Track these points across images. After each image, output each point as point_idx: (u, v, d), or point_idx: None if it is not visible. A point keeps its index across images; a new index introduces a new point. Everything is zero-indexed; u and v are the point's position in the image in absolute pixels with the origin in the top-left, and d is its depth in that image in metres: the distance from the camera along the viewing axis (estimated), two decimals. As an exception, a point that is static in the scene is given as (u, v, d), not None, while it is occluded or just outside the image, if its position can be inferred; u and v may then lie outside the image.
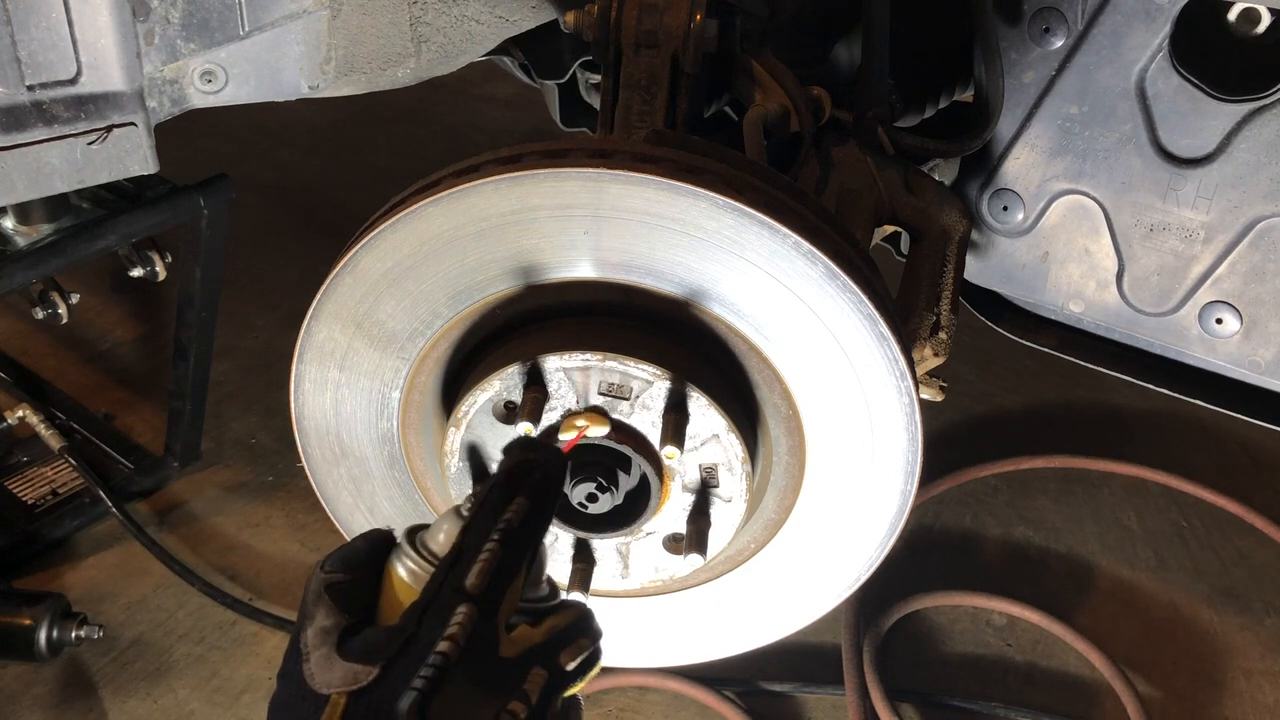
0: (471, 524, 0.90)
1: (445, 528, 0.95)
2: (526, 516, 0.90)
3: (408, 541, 0.96)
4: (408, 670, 0.80)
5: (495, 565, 0.85)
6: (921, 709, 2.00)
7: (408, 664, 0.81)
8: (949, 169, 1.97)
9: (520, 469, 0.94)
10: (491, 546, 0.86)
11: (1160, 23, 1.66)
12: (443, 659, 0.79)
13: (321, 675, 0.84)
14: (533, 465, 0.95)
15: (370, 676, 0.82)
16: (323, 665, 0.85)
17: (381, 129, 4.05)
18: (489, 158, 1.26)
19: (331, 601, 0.89)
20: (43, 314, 2.07)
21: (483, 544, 0.87)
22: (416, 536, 0.97)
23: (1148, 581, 2.32)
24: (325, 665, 0.84)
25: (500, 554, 0.86)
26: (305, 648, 0.87)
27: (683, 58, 1.54)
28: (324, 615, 0.88)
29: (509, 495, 0.91)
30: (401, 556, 0.94)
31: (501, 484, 0.92)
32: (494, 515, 0.89)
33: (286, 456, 2.50)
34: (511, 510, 0.89)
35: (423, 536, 0.96)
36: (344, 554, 0.95)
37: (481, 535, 0.88)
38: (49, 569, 2.19)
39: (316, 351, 1.37)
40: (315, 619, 0.88)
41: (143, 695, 1.96)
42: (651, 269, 1.25)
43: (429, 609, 0.84)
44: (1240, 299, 1.75)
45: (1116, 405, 2.82)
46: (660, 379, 1.23)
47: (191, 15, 1.44)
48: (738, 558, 1.45)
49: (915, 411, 1.28)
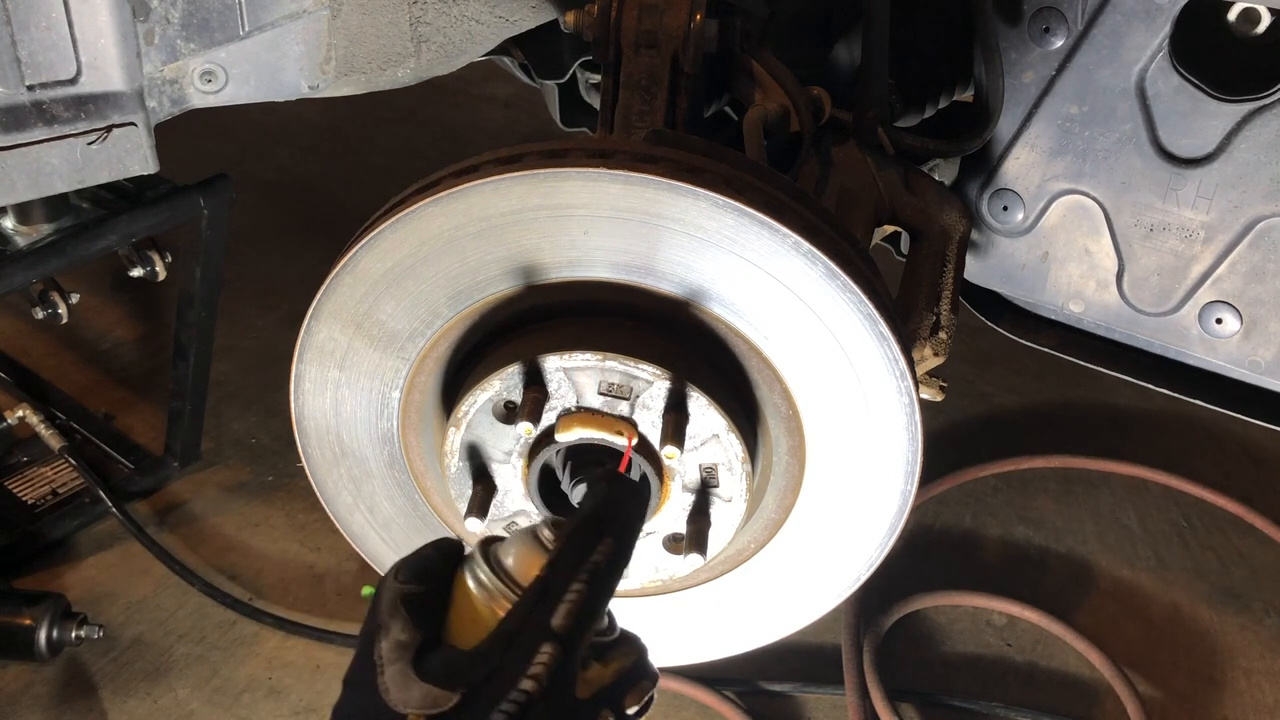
0: (559, 559, 0.90)
1: (522, 548, 0.95)
2: (613, 557, 0.91)
3: (481, 555, 0.95)
4: (490, 702, 0.81)
5: (582, 608, 0.86)
6: (921, 709, 2.00)
7: (490, 696, 0.81)
8: (949, 169, 1.97)
9: (609, 506, 0.95)
10: (579, 589, 0.87)
11: (1160, 23, 1.66)
12: (526, 697, 0.80)
13: (398, 693, 0.84)
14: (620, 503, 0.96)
15: (450, 703, 0.82)
16: (399, 682, 0.84)
17: (381, 129, 4.05)
18: (489, 158, 1.26)
19: (407, 614, 0.89)
20: (43, 314, 2.07)
21: (570, 582, 0.87)
22: (490, 550, 0.96)
23: (1148, 581, 2.32)
24: (402, 683, 0.84)
25: (587, 596, 0.87)
26: (381, 661, 0.86)
27: (683, 58, 1.54)
28: (400, 628, 0.88)
29: (598, 533, 0.91)
30: (475, 570, 0.94)
31: (591, 520, 0.93)
32: (583, 553, 0.89)
33: (286, 456, 2.50)
34: (601, 552, 0.90)
35: (496, 551, 0.96)
36: (417, 563, 0.94)
37: (569, 573, 0.88)
38: (49, 569, 2.19)
39: (316, 351, 1.37)
40: (391, 631, 0.88)
41: (143, 695, 1.96)
42: (651, 269, 1.25)
43: (513, 642, 0.84)
44: (1240, 299, 1.75)
45: (1116, 405, 2.82)
46: (660, 379, 1.23)
47: (191, 15, 1.44)
48: (738, 558, 1.45)
49: (915, 411, 1.28)
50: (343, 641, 2.04)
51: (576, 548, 0.90)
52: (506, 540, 0.98)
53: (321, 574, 2.22)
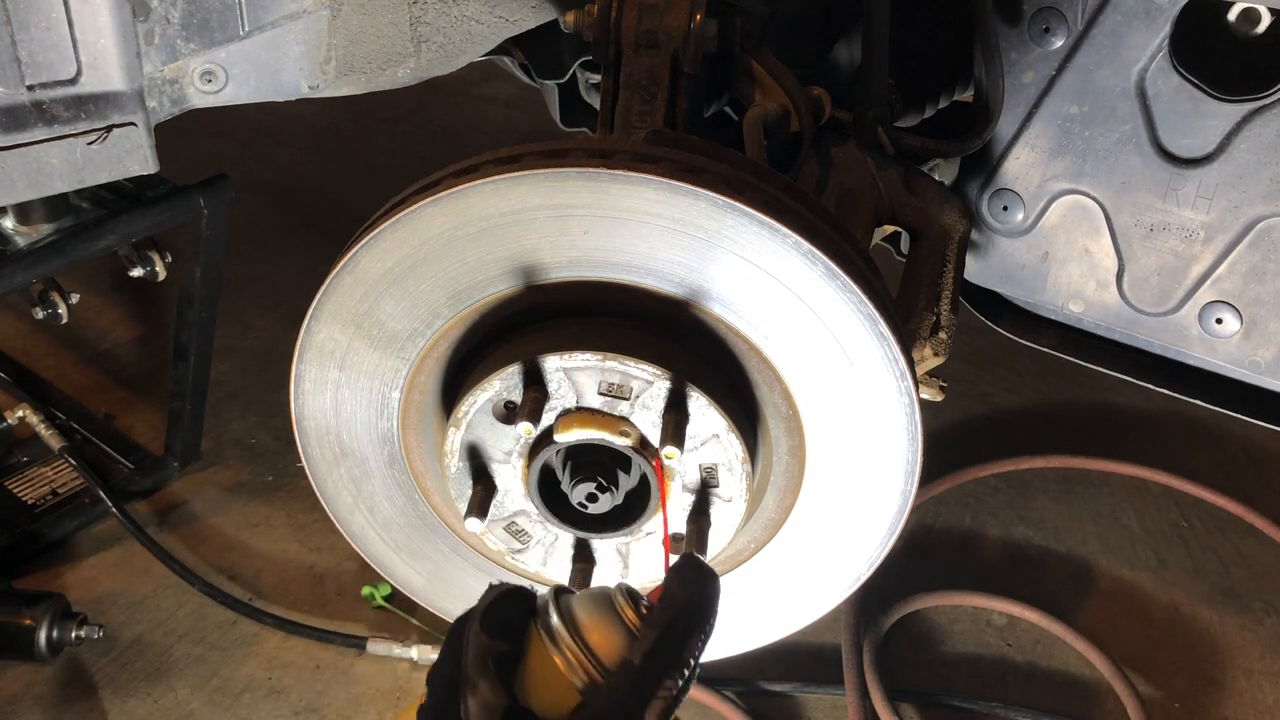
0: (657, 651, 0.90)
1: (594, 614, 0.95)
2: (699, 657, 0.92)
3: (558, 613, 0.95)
4: None
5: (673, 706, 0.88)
6: (921, 709, 2.00)
7: None
8: (949, 169, 1.97)
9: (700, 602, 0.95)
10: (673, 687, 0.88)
11: (1160, 23, 1.66)
12: None
13: None
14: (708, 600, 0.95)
15: None
16: None
17: (381, 129, 4.05)
18: (489, 158, 1.26)
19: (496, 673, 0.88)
20: (43, 314, 2.07)
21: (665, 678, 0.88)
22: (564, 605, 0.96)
23: (1148, 581, 2.32)
24: None
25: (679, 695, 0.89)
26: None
27: (683, 58, 1.54)
28: (488, 689, 0.87)
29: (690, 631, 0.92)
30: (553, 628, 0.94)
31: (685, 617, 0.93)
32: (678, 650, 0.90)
33: (286, 456, 2.50)
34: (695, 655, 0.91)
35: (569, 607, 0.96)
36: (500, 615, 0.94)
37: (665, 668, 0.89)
38: (49, 569, 2.19)
39: (316, 351, 1.37)
40: (479, 690, 0.87)
41: (143, 695, 1.96)
42: (651, 269, 1.25)
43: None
44: (1240, 299, 1.75)
45: (1116, 405, 2.82)
46: (660, 379, 1.23)
47: (191, 15, 1.44)
48: (738, 558, 1.45)
49: (915, 411, 1.28)
50: (342, 641, 2.04)
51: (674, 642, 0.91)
52: (579, 597, 0.98)
53: (321, 574, 2.22)
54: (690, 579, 0.96)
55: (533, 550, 1.39)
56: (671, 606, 0.93)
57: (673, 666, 0.89)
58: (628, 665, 0.89)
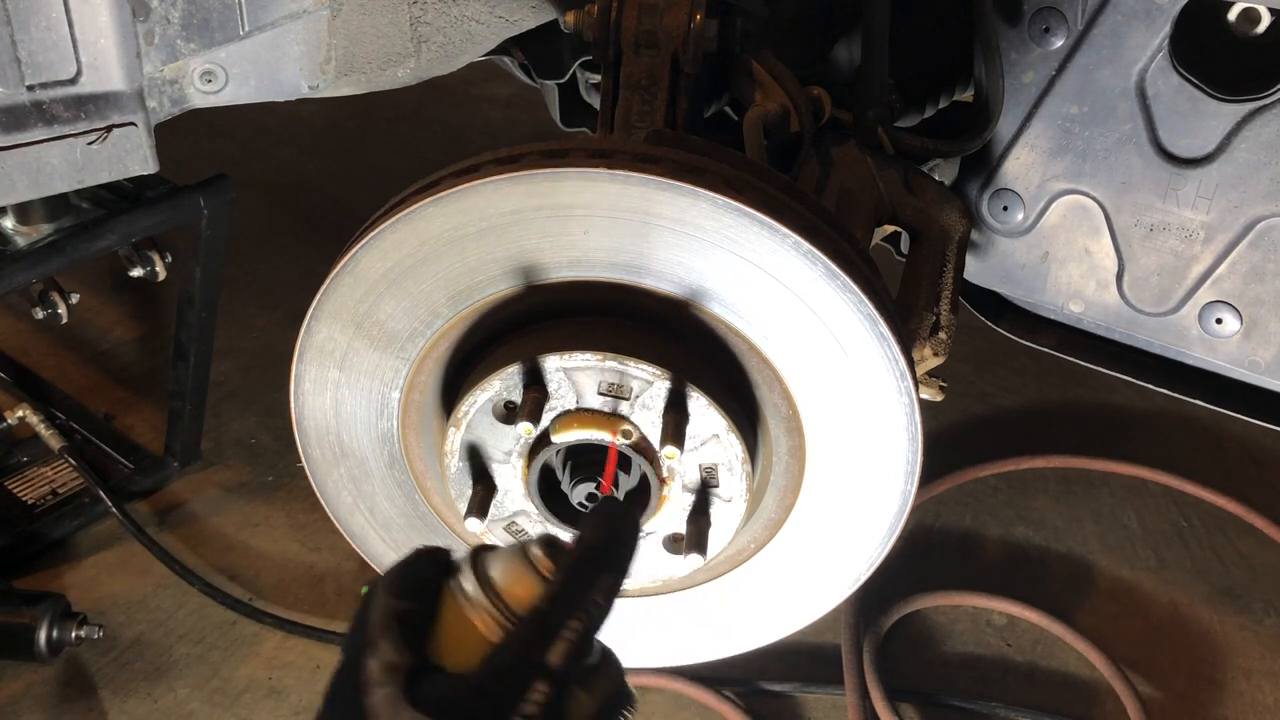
0: (560, 593, 0.89)
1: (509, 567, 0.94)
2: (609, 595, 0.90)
3: (471, 568, 0.94)
4: None
5: (578, 647, 0.86)
6: (921, 709, 2.00)
7: None
8: (949, 169, 1.97)
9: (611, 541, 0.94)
10: (578, 627, 0.87)
11: (1160, 23, 1.66)
12: None
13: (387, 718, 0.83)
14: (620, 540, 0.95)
15: None
16: (389, 709, 0.83)
17: (381, 129, 4.05)
18: (489, 158, 1.26)
19: (400, 633, 0.87)
20: (43, 314, 2.07)
21: (567, 618, 0.87)
22: (479, 563, 0.95)
23: (1148, 581, 2.32)
24: (392, 710, 0.83)
25: (584, 634, 0.87)
26: (367, 681, 0.85)
27: (683, 58, 1.54)
28: (391, 649, 0.86)
29: (597, 570, 0.91)
30: (469, 586, 0.93)
31: (592, 556, 0.92)
32: (583, 589, 0.89)
33: (286, 456, 2.50)
34: (603, 592, 0.89)
35: (486, 565, 0.95)
36: (409, 577, 0.93)
37: (567, 608, 0.88)
38: (49, 569, 2.19)
39: (316, 351, 1.37)
40: (381, 650, 0.86)
41: (143, 695, 1.96)
42: (651, 269, 1.25)
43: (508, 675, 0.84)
44: (1240, 299, 1.75)
45: (1116, 405, 2.82)
46: (660, 379, 1.23)
47: (192, 15, 1.44)
48: (738, 557, 1.45)
49: (915, 411, 1.28)
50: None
51: (577, 582, 0.90)
52: (495, 554, 0.96)
53: (321, 574, 2.22)
54: (602, 521, 0.96)
55: (533, 550, 1.39)
56: (579, 547, 0.93)
57: (575, 605, 0.88)
58: (534, 611, 0.88)
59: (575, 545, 0.94)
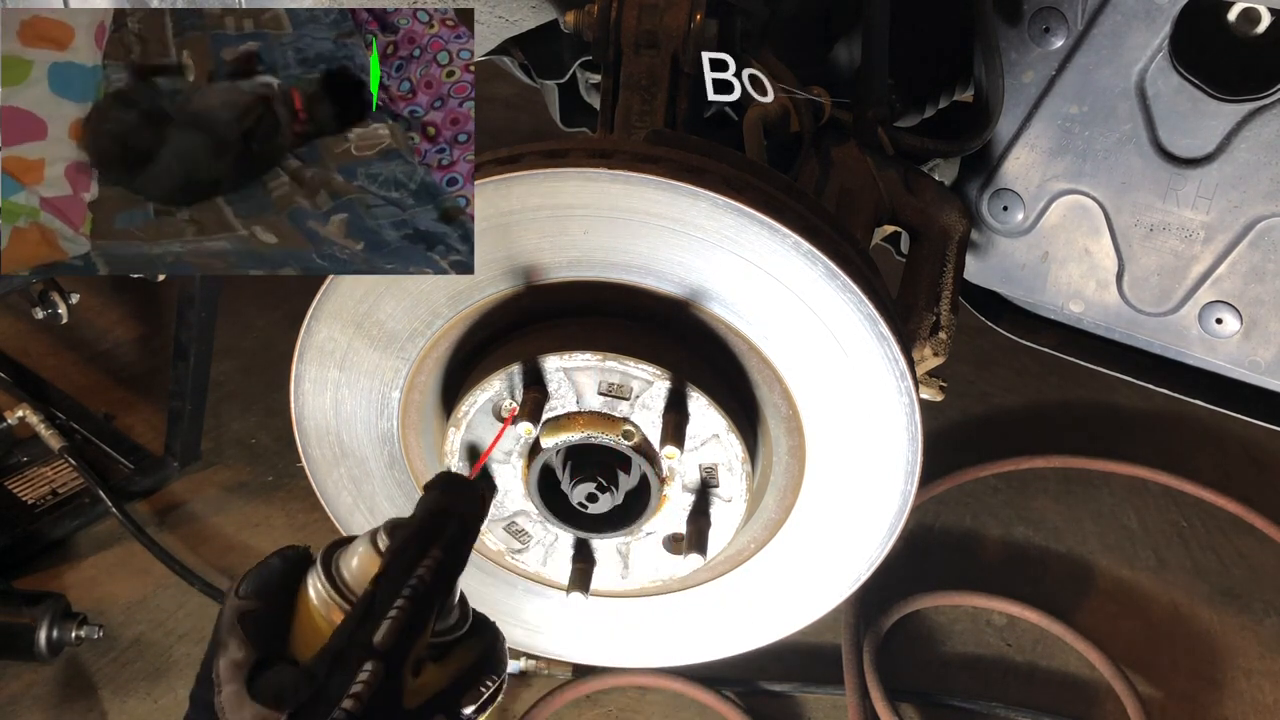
0: (385, 574, 0.90)
1: (360, 555, 0.94)
2: (439, 570, 0.90)
3: (322, 565, 0.95)
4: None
5: (404, 624, 0.87)
6: (921, 709, 2.00)
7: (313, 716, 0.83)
8: (949, 169, 1.97)
9: (438, 516, 0.94)
10: (402, 604, 0.87)
11: (1160, 23, 1.67)
12: (346, 715, 0.81)
13: (233, 713, 0.85)
14: (450, 513, 0.95)
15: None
16: (233, 703, 0.85)
17: (381, 129, 4.05)
18: (489, 158, 1.26)
19: (244, 632, 0.89)
20: (43, 314, 2.08)
21: (394, 598, 0.88)
22: (332, 559, 0.96)
23: (1148, 581, 2.32)
24: (236, 704, 0.85)
25: (410, 611, 0.87)
26: (217, 680, 0.87)
27: (683, 58, 1.54)
28: (236, 647, 0.88)
29: (424, 546, 0.91)
30: (315, 580, 0.94)
31: (416, 533, 0.93)
32: (409, 567, 0.90)
33: (286, 456, 2.50)
34: (425, 566, 0.90)
35: (338, 560, 0.95)
36: (260, 577, 0.95)
37: (394, 588, 0.88)
38: (49, 569, 2.19)
39: (316, 351, 1.37)
40: (228, 649, 0.88)
41: (143, 695, 1.96)
42: (651, 269, 1.25)
43: (337, 659, 0.85)
44: (1240, 299, 1.75)
45: (1116, 405, 2.82)
46: (660, 379, 1.23)
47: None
48: (738, 557, 1.45)
49: (915, 411, 1.28)
50: (343, 641, 2.04)
51: (403, 560, 0.90)
52: (349, 545, 0.96)
53: (321, 574, 2.22)
54: (433, 496, 0.96)
55: (532, 550, 1.39)
56: (407, 525, 0.94)
57: (399, 583, 0.89)
58: (365, 593, 0.90)
59: (405, 523, 0.94)
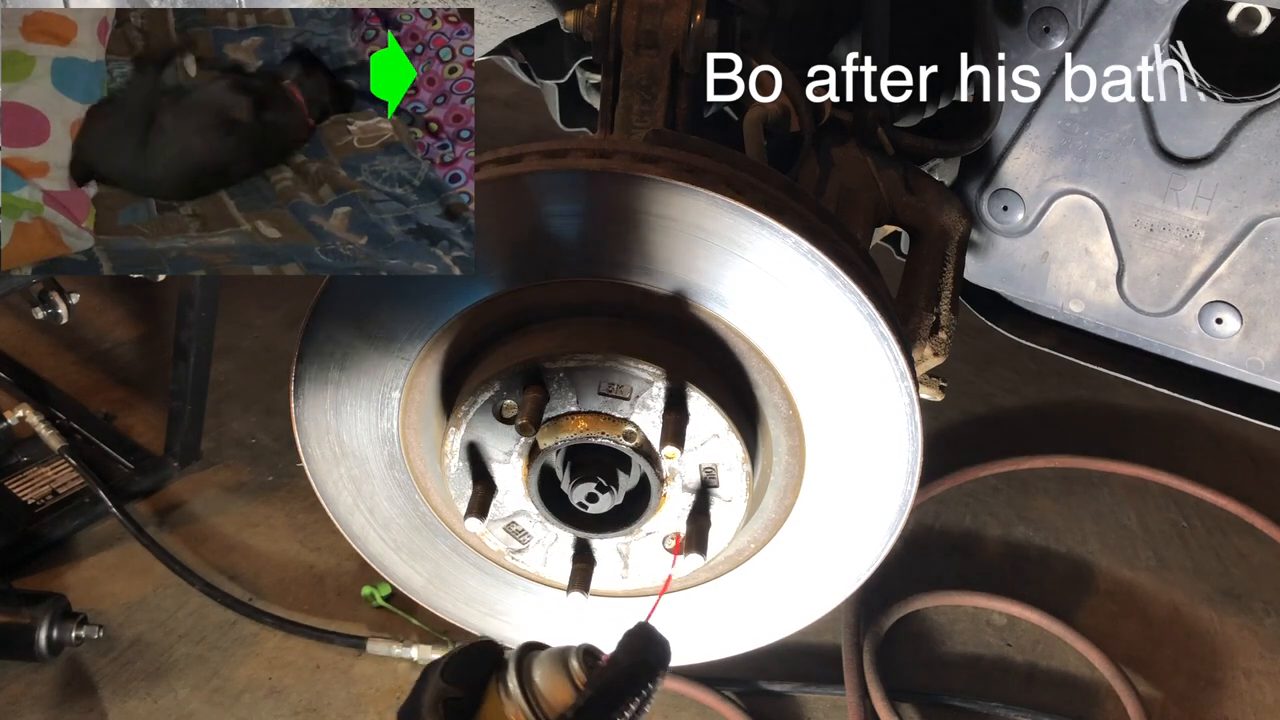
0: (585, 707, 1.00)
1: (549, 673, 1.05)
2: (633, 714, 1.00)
3: (516, 669, 1.05)
4: None
5: None
6: (921, 709, 2.00)
7: None
8: (949, 169, 1.97)
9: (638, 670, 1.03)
10: None
11: (1160, 23, 1.66)
12: None
13: None
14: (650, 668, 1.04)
15: None
16: None
17: (381, 129, 4.05)
18: (489, 158, 1.26)
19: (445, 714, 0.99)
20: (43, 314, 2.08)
21: None
22: (524, 663, 1.06)
23: (1148, 581, 2.32)
24: None
25: None
26: None
27: (683, 58, 1.54)
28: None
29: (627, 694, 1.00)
30: (508, 684, 1.04)
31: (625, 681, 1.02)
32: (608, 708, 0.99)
33: (286, 456, 2.50)
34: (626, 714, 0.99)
35: (529, 665, 1.05)
36: (461, 665, 1.05)
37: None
38: (49, 569, 2.19)
39: (316, 351, 1.37)
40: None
41: (143, 695, 1.96)
42: (651, 269, 1.25)
43: None
44: (1240, 299, 1.75)
45: (1116, 405, 2.82)
46: (660, 379, 1.23)
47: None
48: (738, 557, 1.45)
49: (915, 411, 1.28)
50: (342, 641, 2.04)
51: (603, 702, 1.00)
52: (540, 656, 1.07)
53: (321, 574, 2.22)
54: (635, 647, 1.06)
55: (533, 550, 1.39)
56: (611, 669, 1.04)
57: None
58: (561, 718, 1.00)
59: (608, 666, 1.04)
